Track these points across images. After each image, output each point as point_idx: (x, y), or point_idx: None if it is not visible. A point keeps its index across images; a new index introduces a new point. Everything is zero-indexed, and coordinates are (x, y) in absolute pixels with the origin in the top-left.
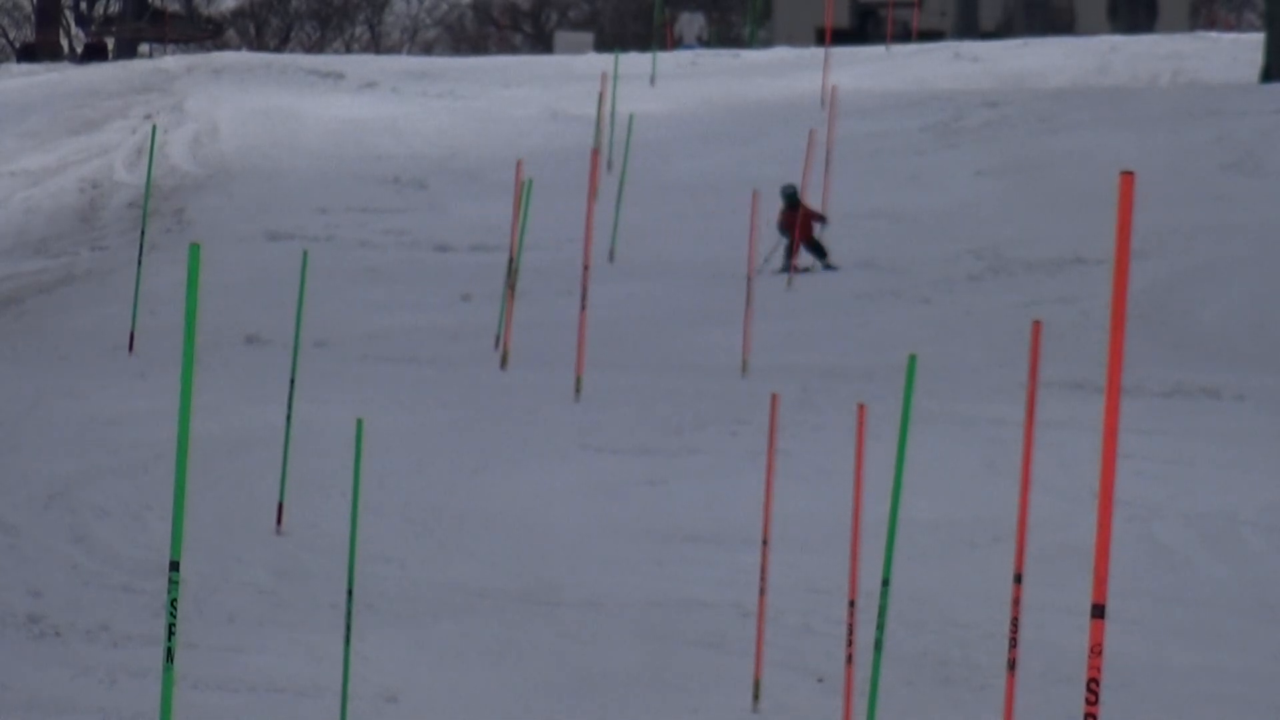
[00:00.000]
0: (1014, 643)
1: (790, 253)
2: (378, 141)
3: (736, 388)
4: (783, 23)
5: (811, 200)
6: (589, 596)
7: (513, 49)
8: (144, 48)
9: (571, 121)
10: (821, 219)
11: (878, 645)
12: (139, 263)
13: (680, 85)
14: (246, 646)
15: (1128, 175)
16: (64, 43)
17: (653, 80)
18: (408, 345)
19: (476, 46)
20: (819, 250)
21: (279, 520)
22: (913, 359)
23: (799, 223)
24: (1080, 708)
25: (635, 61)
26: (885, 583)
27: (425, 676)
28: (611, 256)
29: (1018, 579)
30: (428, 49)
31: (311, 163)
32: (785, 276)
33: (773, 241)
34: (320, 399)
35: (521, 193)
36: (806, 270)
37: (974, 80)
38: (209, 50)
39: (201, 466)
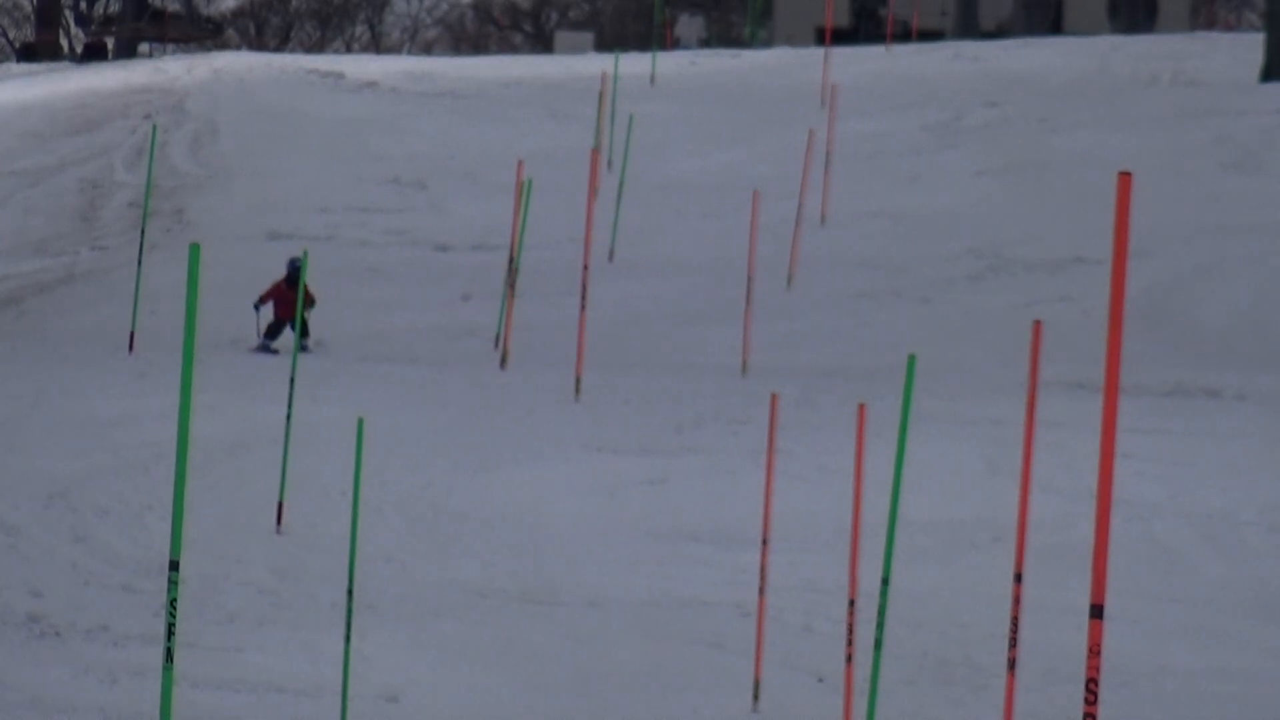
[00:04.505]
0: (1014, 642)
1: (275, 331)
2: (378, 141)
3: (736, 387)
4: (783, 23)
5: (810, 201)
6: (589, 596)
7: (513, 49)
8: (144, 48)
9: (571, 121)
10: (311, 303)
11: (878, 645)
12: (139, 263)
13: (680, 85)
14: (246, 646)
15: (1126, 175)
16: (64, 43)
17: (653, 80)
18: (408, 345)
19: (476, 46)
20: (304, 329)
21: (279, 520)
22: (913, 359)
23: (293, 301)
24: (1080, 708)
25: (635, 61)
26: (885, 582)
27: (425, 676)
28: (611, 256)
29: (1018, 579)
30: (428, 49)
31: (311, 163)
32: (783, 276)
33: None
34: (320, 399)
35: (521, 193)
36: (274, 352)
37: (974, 80)
38: (209, 50)
39: (201, 466)
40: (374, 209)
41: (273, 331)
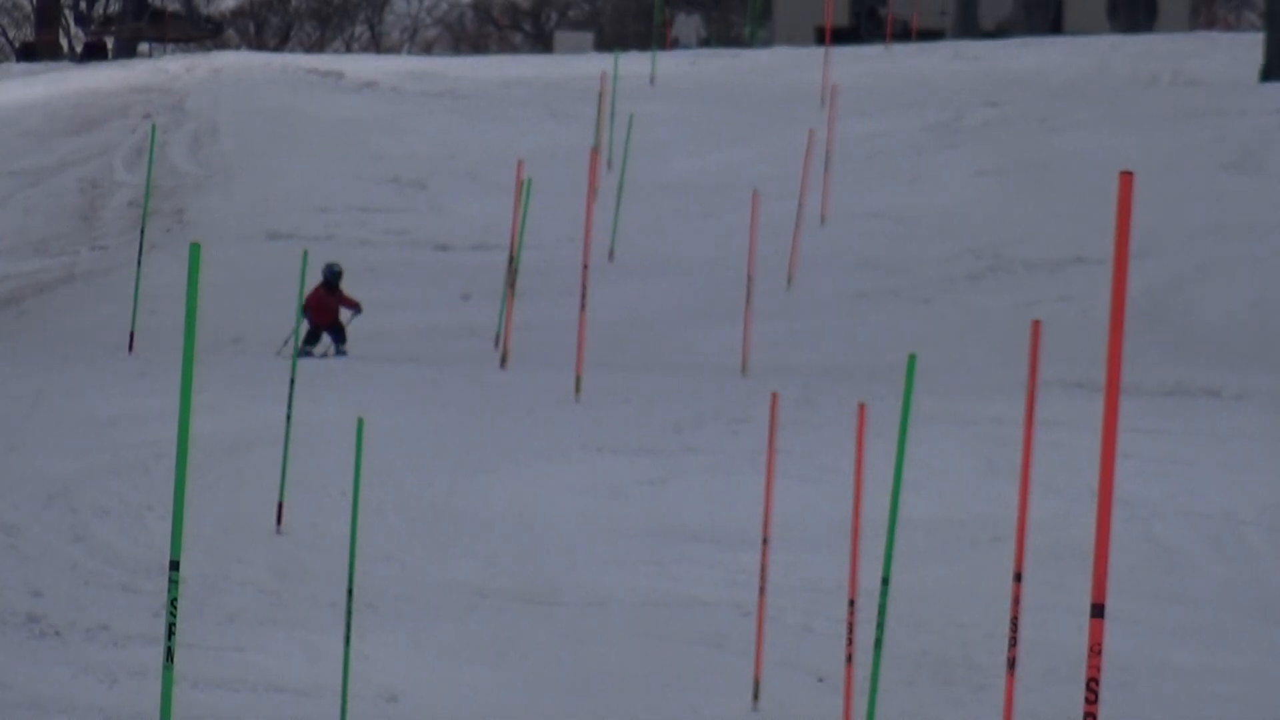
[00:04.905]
0: (1014, 642)
1: (313, 337)
2: (378, 141)
3: (736, 387)
4: (783, 22)
5: (810, 201)
6: (589, 596)
7: (513, 49)
8: (144, 47)
9: (571, 121)
10: (356, 309)
11: (878, 645)
12: (139, 262)
13: (680, 85)
14: (246, 646)
15: (1127, 175)
16: (64, 42)
17: (653, 80)
18: (408, 345)
19: (476, 46)
20: (340, 335)
21: (279, 520)
22: (913, 359)
23: (331, 308)
24: (1080, 708)
25: (635, 61)
26: (885, 582)
27: (425, 676)
28: (611, 256)
29: (1018, 578)
30: (428, 49)
31: (311, 163)
32: (783, 276)
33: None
34: (320, 399)
35: (521, 192)
36: (323, 355)
37: (974, 80)
38: (209, 50)
39: (201, 466)
40: (374, 209)
41: (311, 338)
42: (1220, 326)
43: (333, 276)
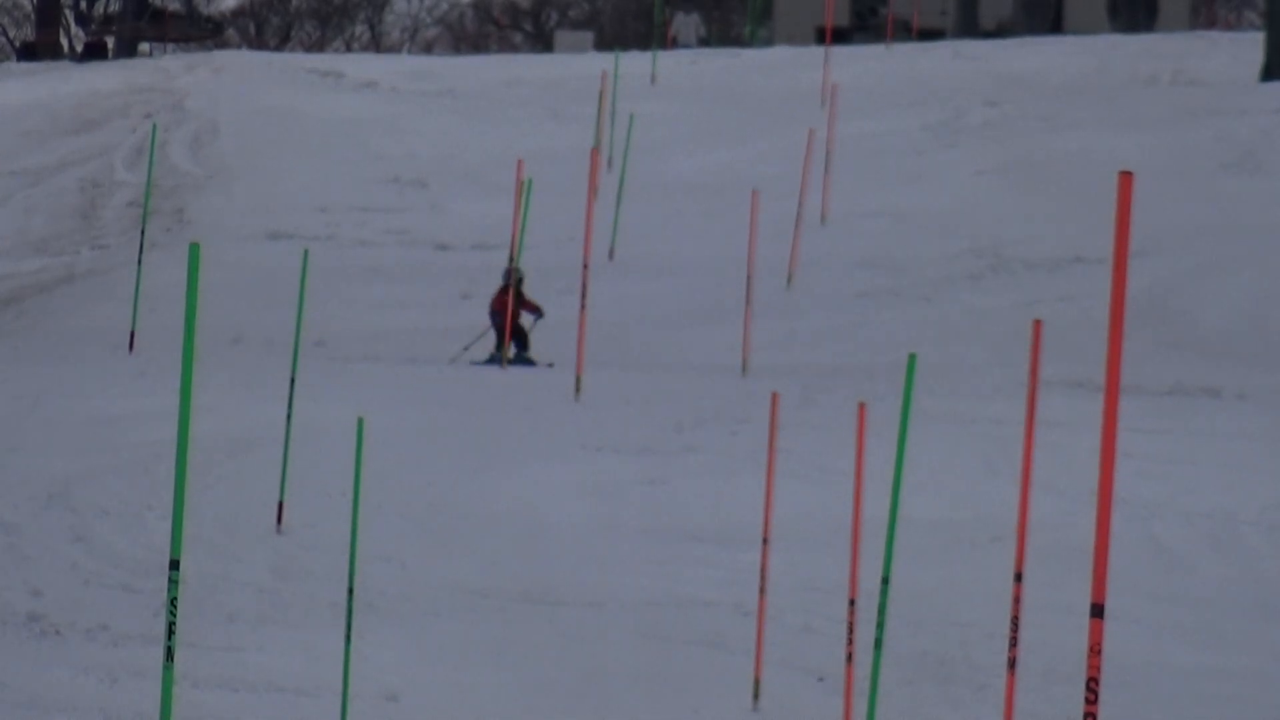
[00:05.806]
0: (1014, 642)
1: (501, 343)
2: (378, 141)
3: (736, 387)
4: (783, 22)
5: (810, 200)
6: (589, 596)
7: (513, 49)
8: (144, 47)
9: (571, 121)
10: (539, 313)
11: (878, 644)
12: (139, 262)
13: (680, 85)
14: (246, 646)
15: (1126, 175)
16: (64, 42)
17: (653, 80)
18: (408, 345)
19: (476, 46)
20: (523, 340)
21: (279, 520)
22: (913, 359)
23: (515, 312)
24: (1080, 708)
25: (635, 61)
26: (885, 581)
27: (425, 676)
28: (611, 256)
29: (1018, 578)
30: (428, 48)
31: (311, 163)
32: (783, 276)
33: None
34: (320, 399)
35: (521, 192)
36: (510, 363)
37: (974, 80)
38: (209, 50)
39: (201, 466)
40: (374, 209)
41: (499, 344)
42: (1220, 326)
43: (515, 281)
